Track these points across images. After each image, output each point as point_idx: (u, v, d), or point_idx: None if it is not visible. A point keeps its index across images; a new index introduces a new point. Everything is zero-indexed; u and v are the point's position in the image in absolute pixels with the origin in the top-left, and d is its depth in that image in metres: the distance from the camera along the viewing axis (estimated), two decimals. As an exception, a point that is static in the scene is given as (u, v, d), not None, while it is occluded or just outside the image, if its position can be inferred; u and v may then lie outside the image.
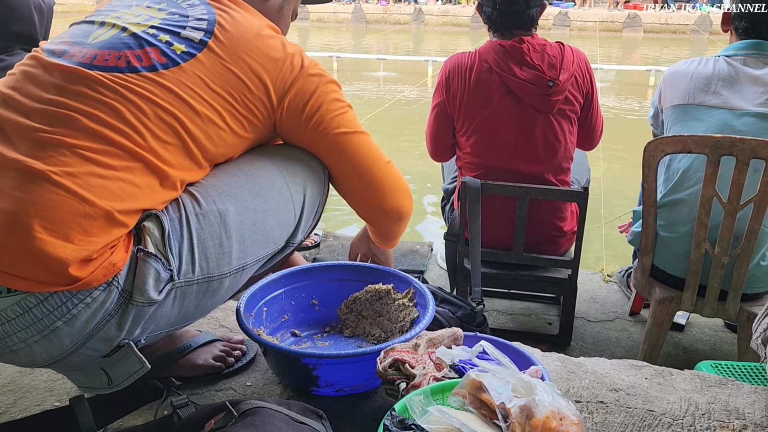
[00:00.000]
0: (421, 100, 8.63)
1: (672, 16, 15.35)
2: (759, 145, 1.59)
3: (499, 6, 1.96)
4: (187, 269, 1.03)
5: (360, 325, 1.50)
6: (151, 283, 0.99)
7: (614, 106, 8.15)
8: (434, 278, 2.61)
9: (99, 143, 0.97)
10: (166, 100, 1.02)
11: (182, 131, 1.03)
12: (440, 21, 16.74)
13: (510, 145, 2.00)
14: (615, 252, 3.72)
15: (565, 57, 1.97)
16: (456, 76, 2.04)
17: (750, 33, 1.79)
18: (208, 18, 1.10)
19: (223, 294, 1.13)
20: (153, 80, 1.02)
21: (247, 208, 1.09)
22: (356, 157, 1.24)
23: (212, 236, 1.05)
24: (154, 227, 1.01)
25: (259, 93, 1.10)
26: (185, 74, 1.04)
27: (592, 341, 2.17)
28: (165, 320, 1.06)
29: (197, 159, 1.07)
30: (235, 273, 1.11)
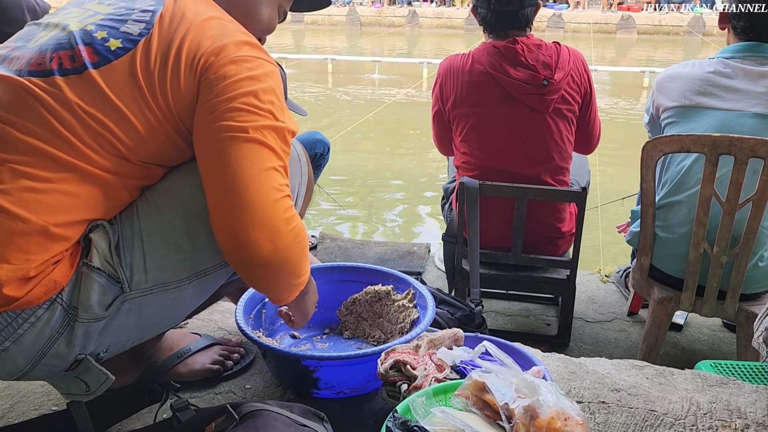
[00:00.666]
0: (416, 102, 8.64)
1: (665, 18, 15.42)
2: (757, 144, 1.59)
3: (494, 6, 1.96)
4: (140, 279, 0.98)
5: (360, 327, 1.49)
6: (95, 299, 0.95)
7: (609, 107, 8.17)
8: (432, 280, 2.61)
9: (31, 155, 0.92)
10: (93, 103, 0.95)
11: (110, 136, 0.95)
12: (434, 23, 16.76)
13: (506, 146, 2.00)
14: (612, 252, 3.72)
15: (560, 56, 1.96)
16: (449, 79, 2.04)
17: (748, 32, 1.78)
18: (153, 9, 1.02)
19: (190, 300, 1.07)
20: (82, 82, 0.95)
21: (203, 210, 1.00)
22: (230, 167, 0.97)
23: (166, 243, 1.00)
24: (101, 239, 0.97)
25: (181, 75, 0.98)
26: (115, 72, 0.96)
27: (591, 342, 2.17)
28: (124, 332, 1.02)
29: (137, 162, 0.99)
30: (196, 279, 1.05)
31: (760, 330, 1.20)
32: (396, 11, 17.13)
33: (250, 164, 0.95)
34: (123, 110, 0.96)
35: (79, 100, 0.94)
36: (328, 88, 9.73)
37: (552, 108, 1.95)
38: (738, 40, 1.83)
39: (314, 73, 10.86)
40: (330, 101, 8.76)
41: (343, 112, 7.83)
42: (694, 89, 1.79)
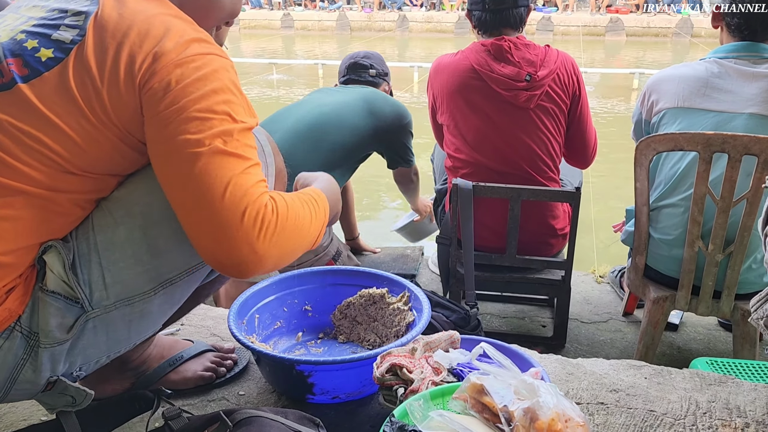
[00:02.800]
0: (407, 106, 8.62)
1: (654, 20, 15.51)
2: (751, 141, 1.58)
3: (489, 6, 1.99)
4: (101, 296, 0.94)
5: (354, 331, 1.47)
6: (54, 323, 0.92)
7: (599, 109, 8.19)
8: (426, 282, 2.59)
9: None
10: (26, 119, 0.89)
11: (47, 150, 0.89)
12: (424, 27, 16.79)
13: (491, 142, 2.00)
14: (606, 253, 3.72)
15: (547, 56, 1.98)
16: (438, 77, 2.07)
17: (743, 30, 1.77)
18: (87, 10, 0.94)
19: (159, 310, 1.03)
20: (12, 98, 0.89)
21: (162, 216, 0.96)
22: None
23: (124, 255, 0.95)
24: (55, 260, 0.92)
25: (120, 85, 0.91)
26: (46, 85, 0.90)
27: (587, 343, 2.16)
28: (94, 350, 0.99)
29: (81, 173, 0.93)
30: (162, 289, 1.00)
31: (759, 312, 1.19)
32: (386, 16, 17.16)
33: (213, 180, 0.89)
34: (57, 123, 0.90)
35: (9, 118, 0.89)
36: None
37: (535, 104, 1.95)
38: (732, 39, 1.81)
39: (305, 78, 10.85)
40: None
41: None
42: (688, 91, 1.78)
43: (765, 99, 1.70)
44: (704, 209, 1.70)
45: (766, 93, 1.70)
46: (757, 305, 1.18)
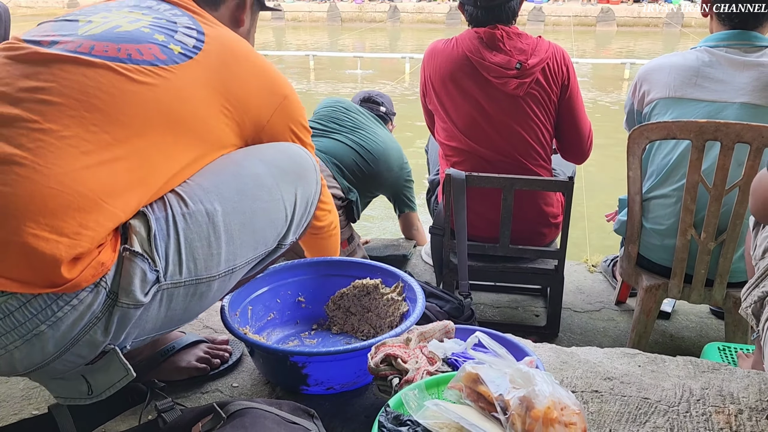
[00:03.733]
0: (399, 97, 8.61)
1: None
2: (743, 129, 1.58)
3: (480, 3, 2.00)
4: (174, 270, 0.98)
5: (348, 322, 1.47)
6: (137, 284, 0.94)
7: (591, 99, 8.20)
8: (420, 273, 2.59)
9: (92, 133, 0.93)
10: (165, 95, 1.00)
11: (179, 127, 1.01)
12: (416, 18, 16.73)
13: (483, 129, 2.01)
14: (598, 242, 3.73)
15: (538, 45, 2.00)
16: (432, 61, 2.09)
17: (733, 18, 1.76)
18: (195, 28, 1.11)
19: (212, 297, 1.08)
20: (154, 74, 1.00)
21: (235, 208, 1.05)
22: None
23: (200, 237, 1.01)
24: (141, 225, 0.97)
25: (238, 114, 1.11)
26: (181, 72, 1.03)
27: (580, 332, 2.16)
28: (151, 324, 1.01)
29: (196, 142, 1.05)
30: (224, 275, 1.06)
31: (749, 300, 1.19)
32: (377, 6, 17.08)
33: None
34: (190, 99, 1.02)
35: (153, 88, 0.99)
36: (311, 84, 9.66)
37: (524, 92, 1.96)
38: (722, 27, 1.81)
39: (296, 69, 10.79)
40: (312, 97, 8.71)
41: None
42: (680, 80, 1.77)
43: (756, 88, 1.69)
44: (697, 198, 1.70)
45: (757, 82, 1.70)
46: (746, 293, 1.19)
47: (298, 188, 1.16)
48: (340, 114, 2.48)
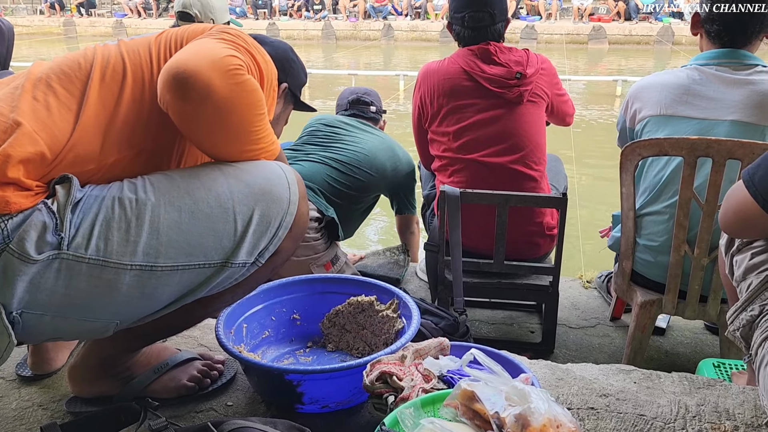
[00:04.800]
0: (393, 114, 8.65)
1: (635, 28, 15.70)
2: (735, 146, 1.60)
3: (468, 24, 2.09)
4: (80, 243, 0.96)
5: (343, 339, 1.46)
6: (32, 237, 0.93)
7: (584, 116, 8.26)
8: (414, 290, 2.58)
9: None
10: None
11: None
12: (409, 36, 16.86)
13: (483, 136, 2.06)
14: (593, 257, 3.74)
15: (530, 57, 2.12)
16: (427, 80, 2.15)
17: (723, 36, 1.78)
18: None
19: (126, 294, 1.00)
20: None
21: (170, 202, 1.00)
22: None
23: (120, 219, 0.98)
24: (63, 191, 0.98)
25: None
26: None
27: (575, 348, 2.16)
28: (46, 296, 0.96)
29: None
30: (139, 270, 0.99)
31: (736, 324, 1.19)
32: (371, 25, 17.21)
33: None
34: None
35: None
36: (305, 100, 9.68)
37: (526, 99, 2.06)
38: (712, 45, 1.83)
39: (290, 86, 10.82)
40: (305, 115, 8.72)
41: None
42: (671, 98, 1.79)
43: (746, 105, 1.71)
44: (690, 214, 1.71)
45: (747, 100, 1.71)
46: (732, 316, 1.19)
47: (257, 205, 1.08)
48: (317, 132, 2.46)
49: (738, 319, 1.20)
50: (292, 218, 1.13)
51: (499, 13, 2.08)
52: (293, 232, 1.15)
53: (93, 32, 18.41)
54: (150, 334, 1.21)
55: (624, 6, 16.10)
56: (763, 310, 1.13)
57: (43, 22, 18.98)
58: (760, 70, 1.75)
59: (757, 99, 1.70)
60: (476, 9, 2.06)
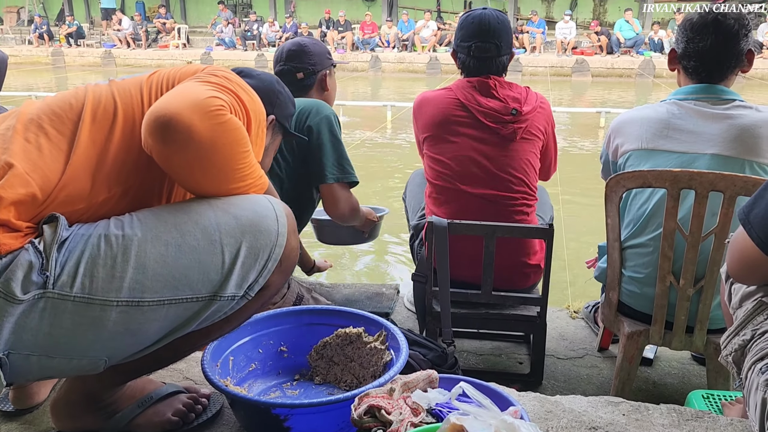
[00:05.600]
0: (381, 144, 8.72)
1: (618, 61, 16.03)
2: (716, 178, 1.63)
3: (474, 53, 2.08)
4: (66, 281, 0.96)
5: (331, 372, 1.45)
6: (19, 276, 0.93)
7: (568, 146, 8.37)
8: (402, 320, 2.57)
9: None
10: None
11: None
12: (397, 68, 17.08)
13: (475, 170, 2.06)
14: (580, 288, 3.75)
15: (529, 95, 2.12)
16: (423, 109, 2.15)
17: (700, 72, 1.82)
18: None
19: (111, 330, 0.99)
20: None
21: (157, 237, 1.01)
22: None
23: (106, 256, 0.98)
24: (50, 231, 0.98)
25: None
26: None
27: (564, 379, 2.16)
28: (32, 336, 0.95)
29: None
30: (125, 306, 0.98)
31: (729, 348, 1.20)
32: (359, 56, 17.42)
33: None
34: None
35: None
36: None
37: (520, 136, 2.06)
38: (690, 81, 1.87)
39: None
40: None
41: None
42: (651, 132, 1.82)
43: (725, 139, 1.75)
44: (674, 245, 1.73)
45: (726, 134, 1.75)
46: (726, 341, 1.20)
47: (245, 237, 1.08)
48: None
49: (731, 343, 1.20)
50: (281, 250, 1.13)
51: (504, 45, 2.08)
52: (283, 266, 1.14)
53: (81, 62, 18.45)
54: (136, 369, 1.20)
55: (606, 40, 16.46)
56: (754, 335, 1.14)
57: (31, 52, 19.01)
58: (738, 105, 1.79)
59: (736, 133, 1.74)
60: (483, 39, 2.05)
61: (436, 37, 17.28)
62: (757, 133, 1.73)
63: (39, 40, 19.30)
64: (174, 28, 19.02)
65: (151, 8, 21.78)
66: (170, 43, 18.66)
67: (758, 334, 1.13)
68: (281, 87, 1.69)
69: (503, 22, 2.10)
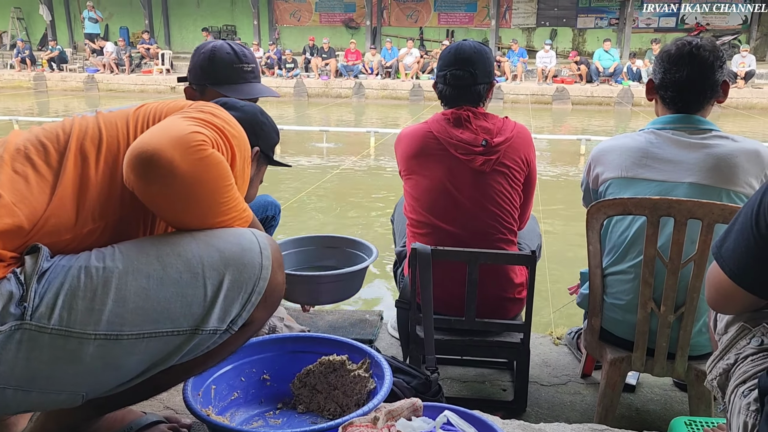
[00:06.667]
0: (365, 170, 8.75)
1: (597, 90, 16.33)
2: (695, 206, 1.66)
3: (449, 81, 2.08)
4: (44, 313, 0.95)
5: (314, 400, 1.44)
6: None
7: (550, 173, 8.47)
8: (386, 347, 2.56)
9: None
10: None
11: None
12: (380, 94, 17.23)
13: (450, 205, 2.05)
14: (562, 314, 3.76)
15: (504, 125, 2.08)
16: (400, 144, 2.16)
17: (677, 102, 1.86)
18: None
19: (88, 364, 0.98)
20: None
21: (138, 269, 1.00)
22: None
23: (86, 288, 0.97)
24: (32, 261, 0.98)
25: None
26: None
27: (547, 406, 2.15)
28: (8, 369, 0.93)
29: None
30: (103, 339, 0.97)
31: (714, 373, 1.22)
32: (342, 83, 17.56)
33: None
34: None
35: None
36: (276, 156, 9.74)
37: (491, 168, 2.02)
38: (667, 110, 1.90)
39: (262, 142, 10.87)
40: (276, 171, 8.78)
41: (293, 181, 7.84)
42: (631, 161, 1.85)
43: (702, 168, 1.78)
44: (655, 272, 1.75)
45: (703, 163, 1.78)
46: (711, 366, 1.21)
47: (228, 270, 1.07)
48: None
49: (716, 368, 1.22)
50: (265, 284, 1.11)
51: (481, 74, 2.07)
52: (267, 301, 1.13)
53: (64, 87, 18.37)
54: (114, 402, 1.17)
55: (586, 69, 16.79)
56: (737, 359, 1.16)
57: (13, 76, 18.90)
58: (715, 134, 1.83)
59: (713, 162, 1.77)
60: (459, 67, 2.05)
61: (419, 65, 17.50)
62: (734, 162, 1.77)
63: (21, 64, 19.20)
64: (158, 53, 19.05)
65: (135, 33, 21.84)
66: (154, 69, 18.67)
67: (741, 358, 1.15)
68: (264, 117, 1.70)
69: (480, 51, 2.09)
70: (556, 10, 21.29)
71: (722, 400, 1.20)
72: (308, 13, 22.67)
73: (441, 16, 21.96)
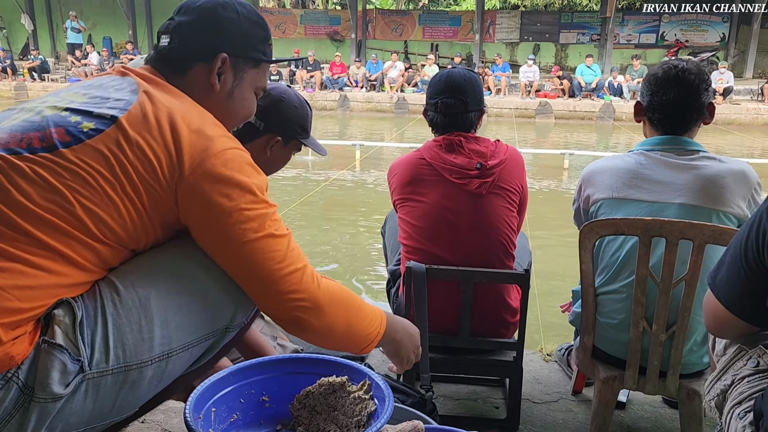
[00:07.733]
0: (351, 184, 8.76)
1: (579, 104, 16.54)
2: (686, 227, 1.69)
3: (440, 109, 2.08)
4: (100, 359, 0.97)
5: (314, 422, 1.43)
6: (55, 377, 0.92)
7: (534, 187, 8.55)
8: (378, 364, 2.56)
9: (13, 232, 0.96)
10: (60, 179, 0.99)
11: (75, 210, 0.99)
12: (365, 107, 17.30)
13: (446, 231, 2.05)
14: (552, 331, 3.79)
15: (497, 149, 2.09)
16: (393, 172, 2.16)
17: (665, 123, 1.90)
18: (128, 99, 1.09)
19: (147, 386, 1.05)
20: (49, 160, 1.00)
21: (170, 290, 1.05)
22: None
23: (130, 322, 1.00)
24: (65, 314, 0.96)
25: (160, 165, 1.05)
26: (87, 149, 1.01)
27: (540, 424, 2.17)
28: (77, 417, 0.96)
29: (100, 239, 1.01)
30: (159, 361, 1.04)
31: (711, 394, 1.24)
32: (327, 95, 17.61)
33: (267, 257, 1.12)
34: (92, 183, 1.00)
35: (41, 178, 0.98)
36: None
37: (487, 190, 2.03)
38: (655, 132, 1.94)
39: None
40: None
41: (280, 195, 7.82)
42: (621, 182, 1.88)
43: (691, 189, 1.82)
44: (647, 292, 1.78)
45: (692, 184, 1.82)
46: (709, 386, 1.24)
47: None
48: None
49: (713, 389, 1.25)
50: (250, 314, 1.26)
51: (472, 101, 2.07)
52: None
53: (45, 96, 18.18)
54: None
55: (568, 84, 17.02)
56: (734, 380, 1.19)
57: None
58: (702, 155, 1.87)
59: (702, 183, 1.81)
60: (450, 96, 2.05)
61: (404, 78, 17.62)
62: (722, 183, 1.81)
63: (2, 73, 18.99)
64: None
65: (118, 44, 21.73)
66: (137, 79, 18.54)
67: (738, 379, 1.18)
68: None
69: (470, 79, 2.09)
70: (539, 26, 21.61)
71: (719, 420, 1.23)
72: (293, 25, 22.75)
73: (425, 30, 22.16)
